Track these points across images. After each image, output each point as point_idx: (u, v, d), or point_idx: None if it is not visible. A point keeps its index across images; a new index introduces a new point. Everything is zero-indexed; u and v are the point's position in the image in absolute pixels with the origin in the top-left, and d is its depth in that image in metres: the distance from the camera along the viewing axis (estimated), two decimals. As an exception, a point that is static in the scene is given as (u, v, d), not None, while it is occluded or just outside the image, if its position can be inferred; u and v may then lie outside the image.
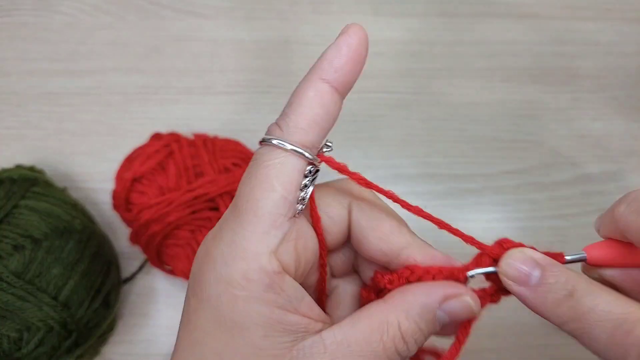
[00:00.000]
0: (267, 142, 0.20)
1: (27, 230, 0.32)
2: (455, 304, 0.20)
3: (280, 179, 0.20)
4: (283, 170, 0.20)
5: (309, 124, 0.20)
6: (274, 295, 0.19)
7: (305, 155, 0.20)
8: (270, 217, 0.19)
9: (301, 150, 0.20)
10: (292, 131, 0.20)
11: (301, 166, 0.20)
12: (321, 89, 0.20)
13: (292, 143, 0.20)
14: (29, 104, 0.43)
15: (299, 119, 0.20)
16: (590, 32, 0.47)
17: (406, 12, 0.46)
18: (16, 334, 0.31)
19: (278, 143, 0.20)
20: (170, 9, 0.46)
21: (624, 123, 0.44)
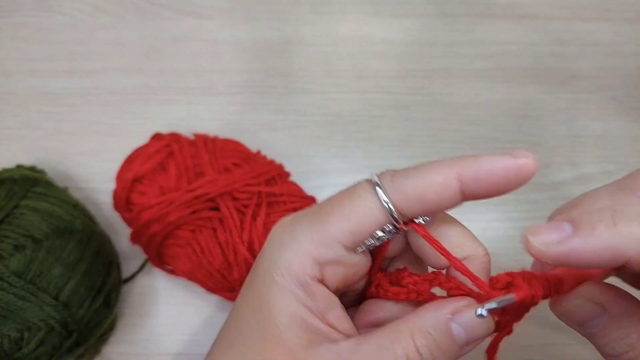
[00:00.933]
0: (376, 184, 0.21)
1: (28, 230, 0.32)
2: (467, 316, 0.20)
3: (359, 217, 0.20)
4: (367, 214, 0.20)
5: (415, 198, 0.20)
6: (304, 295, 0.21)
7: (392, 215, 0.20)
8: (333, 238, 0.21)
9: (392, 209, 0.20)
10: (398, 190, 0.20)
11: (383, 220, 0.21)
12: (450, 183, 0.20)
13: (391, 201, 0.20)
14: (29, 104, 0.43)
15: (410, 187, 0.20)
16: (589, 32, 0.47)
17: (406, 13, 0.46)
18: (17, 334, 0.31)
19: (379, 192, 0.20)
20: (171, 9, 0.46)
21: (623, 123, 0.44)
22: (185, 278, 0.36)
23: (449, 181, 0.20)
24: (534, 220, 0.41)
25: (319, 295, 0.21)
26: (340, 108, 0.44)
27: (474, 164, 0.20)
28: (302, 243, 0.21)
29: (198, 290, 0.38)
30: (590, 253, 0.17)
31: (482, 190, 0.20)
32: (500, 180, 0.20)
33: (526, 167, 0.19)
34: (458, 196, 0.20)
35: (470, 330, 0.20)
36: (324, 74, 0.44)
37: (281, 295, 0.21)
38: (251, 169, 0.34)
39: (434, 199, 0.20)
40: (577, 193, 0.42)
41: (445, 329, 0.20)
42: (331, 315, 0.21)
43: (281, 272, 0.21)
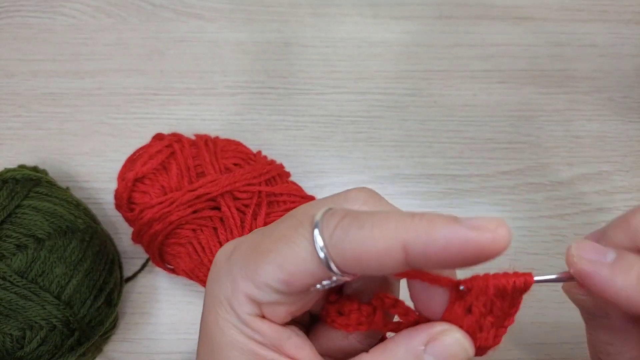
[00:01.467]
0: (315, 237, 0.17)
1: (30, 230, 0.33)
2: (442, 343, 0.17)
3: (292, 268, 0.18)
4: (300, 267, 0.17)
5: (352, 260, 0.17)
6: (250, 331, 0.19)
7: (332, 273, 0.17)
8: (265, 284, 0.18)
9: (335, 270, 0.17)
10: (336, 249, 0.17)
11: (321, 275, 0.18)
12: (392, 255, 0.16)
13: (330, 257, 0.17)
14: (32, 105, 0.44)
15: (348, 249, 0.17)
16: (586, 34, 0.47)
17: (405, 15, 0.47)
18: (19, 333, 0.31)
19: (317, 244, 0.17)
20: (172, 11, 0.46)
21: (620, 124, 0.44)
22: (186, 277, 0.36)
23: (391, 251, 0.16)
24: (532, 220, 0.41)
25: (266, 330, 0.19)
26: (339, 109, 0.44)
27: (426, 234, 0.16)
28: (237, 281, 0.19)
29: (199, 289, 0.38)
30: (610, 286, 0.17)
31: (430, 264, 0.16)
32: (454, 257, 0.16)
33: (492, 244, 0.15)
34: (401, 265, 0.17)
35: (442, 357, 0.17)
36: (324, 75, 0.45)
37: (228, 330, 0.19)
38: (252, 169, 0.34)
39: (374, 265, 0.17)
40: (574, 193, 0.43)
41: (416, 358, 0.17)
42: (288, 345, 0.19)
43: (224, 308, 0.19)
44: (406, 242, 0.16)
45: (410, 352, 0.17)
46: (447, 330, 0.18)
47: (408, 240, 0.16)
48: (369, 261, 0.17)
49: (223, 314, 0.19)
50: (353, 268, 0.17)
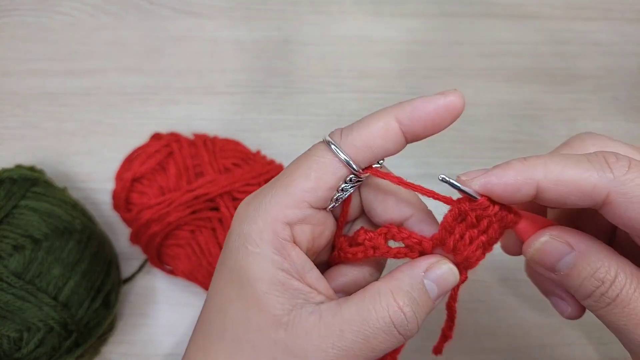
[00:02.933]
0: (326, 142, 0.22)
1: (27, 231, 0.32)
2: (437, 271, 0.22)
3: (318, 174, 0.22)
4: (324, 169, 0.22)
5: (365, 146, 0.22)
6: (280, 259, 0.21)
7: (349, 164, 0.22)
8: (297, 198, 0.22)
9: (346, 158, 0.22)
10: (347, 144, 0.22)
11: (341, 173, 0.22)
12: (390, 126, 0.22)
13: (343, 152, 0.22)
14: (29, 104, 0.43)
15: (357, 138, 0.22)
16: (590, 32, 0.47)
17: (406, 13, 0.46)
18: (16, 334, 0.31)
19: (333, 147, 0.22)
20: (170, 9, 0.46)
21: (624, 123, 0.44)
22: (184, 278, 0.36)
23: (389, 124, 0.22)
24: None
25: (295, 256, 0.21)
26: (340, 107, 0.44)
27: (409, 106, 0.22)
28: (269, 211, 0.22)
29: (197, 291, 0.38)
30: (504, 183, 0.20)
31: (420, 128, 0.22)
32: (433, 117, 0.21)
33: (454, 103, 0.21)
34: (401, 137, 0.22)
35: (441, 284, 0.22)
36: (324, 74, 0.44)
37: (257, 264, 0.21)
38: (251, 169, 0.34)
39: (380, 143, 0.22)
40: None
41: (421, 286, 0.21)
42: (309, 276, 0.22)
43: (255, 242, 0.21)
44: (397, 116, 0.22)
45: (414, 277, 0.21)
46: (441, 261, 0.22)
47: (398, 114, 0.22)
48: (376, 140, 0.21)
49: (253, 248, 0.21)
50: (364, 153, 0.22)
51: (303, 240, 0.22)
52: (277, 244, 0.21)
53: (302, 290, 0.21)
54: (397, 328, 0.20)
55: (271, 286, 0.21)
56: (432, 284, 0.21)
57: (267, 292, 0.21)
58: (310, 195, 0.22)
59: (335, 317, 0.20)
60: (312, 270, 0.22)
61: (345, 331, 0.20)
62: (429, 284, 0.21)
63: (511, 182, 0.20)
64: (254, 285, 0.21)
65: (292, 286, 0.21)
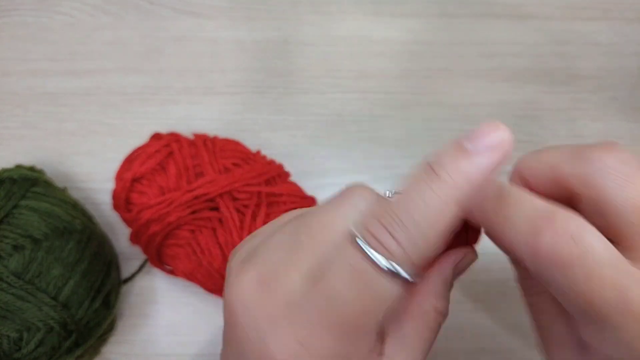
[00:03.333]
0: (386, 268, 0.18)
1: (27, 231, 0.32)
2: (463, 264, 0.22)
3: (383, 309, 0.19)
4: (387, 302, 0.19)
5: (432, 252, 0.19)
6: None
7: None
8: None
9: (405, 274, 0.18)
10: (414, 259, 0.18)
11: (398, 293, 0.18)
12: (450, 208, 0.18)
13: (413, 276, 0.18)
14: (29, 104, 0.43)
15: (427, 249, 0.18)
16: (590, 32, 0.47)
17: (406, 13, 0.46)
18: (16, 334, 0.31)
19: (398, 271, 0.18)
20: (170, 9, 0.46)
21: (624, 123, 0.44)
22: (184, 278, 0.36)
23: (449, 208, 0.18)
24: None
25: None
26: (340, 108, 0.44)
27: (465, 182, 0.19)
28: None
29: (198, 291, 0.38)
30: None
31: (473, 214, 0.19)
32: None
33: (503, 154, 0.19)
34: (456, 220, 0.19)
35: (462, 271, 0.22)
36: (324, 74, 0.44)
37: None
38: (251, 169, 0.34)
39: (443, 229, 0.18)
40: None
41: (449, 285, 0.22)
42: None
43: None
44: (456, 199, 0.18)
45: (446, 281, 0.22)
46: (468, 254, 0.22)
47: (457, 197, 0.18)
48: (440, 229, 0.18)
49: None
50: (426, 251, 0.18)
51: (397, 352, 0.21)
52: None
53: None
54: (441, 324, 0.22)
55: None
56: (457, 275, 0.22)
57: None
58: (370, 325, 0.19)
59: (403, 351, 0.20)
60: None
61: (417, 357, 0.21)
62: (455, 277, 0.22)
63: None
64: None
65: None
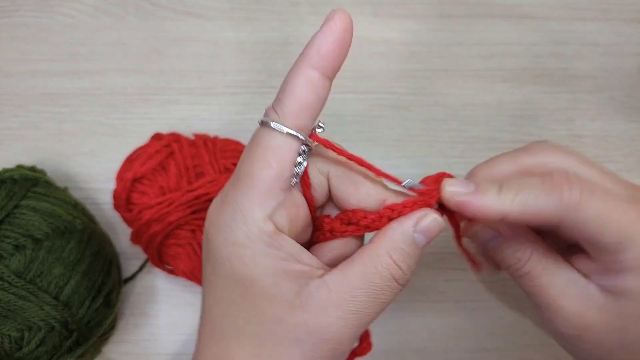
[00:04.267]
0: (266, 124, 0.22)
1: (28, 230, 0.32)
2: (424, 223, 0.23)
3: (277, 158, 0.22)
4: (279, 151, 0.22)
5: (301, 109, 0.22)
6: (275, 251, 0.22)
7: (299, 137, 0.22)
8: (266, 190, 0.22)
9: (295, 133, 0.22)
10: (287, 116, 0.22)
11: (296, 147, 0.23)
12: (311, 76, 0.22)
13: (287, 126, 0.22)
14: (30, 105, 0.43)
15: (292, 105, 0.22)
16: (588, 32, 0.47)
17: (405, 14, 0.47)
18: (17, 334, 0.31)
19: (275, 126, 0.22)
20: (171, 10, 0.46)
21: (622, 123, 0.44)
22: (185, 278, 0.36)
23: (310, 76, 0.22)
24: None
25: (285, 244, 0.22)
26: (340, 108, 0.44)
27: (313, 49, 0.22)
28: (247, 212, 0.22)
29: (198, 290, 0.38)
30: (478, 208, 0.22)
31: (335, 62, 0.22)
32: (336, 43, 0.22)
33: (346, 24, 0.22)
34: (324, 80, 0.22)
35: (429, 233, 0.23)
36: (324, 75, 0.44)
37: (256, 264, 0.22)
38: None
39: (312, 97, 0.22)
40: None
41: (412, 240, 0.23)
42: (304, 256, 0.23)
43: (246, 246, 0.22)
44: (310, 64, 0.22)
45: (405, 234, 0.23)
46: (427, 214, 0.23)
47: (309, 62, 0.22)
48: (307, 97, 0.22)
49: (247, 252, 0.22)
50: (305, 116, 0.22)
51: (284, 225, 0.23)
52: (267, 239, 0.22)
53: (303, 270, 0.22)
54: (397, 281, 0.23)
55: (275, 277, 0.22)
56: (421, 235, 0.23)
57: (274, 284, 0.22)
58: (277, 181, 0.22)
59: (343, 285, 0.22)
60: (302, 250, 0.23)
61: (356, 295, 0.22)
62: (418, 236, 0.23)
63: (484, 211, 0.22)
64: (259, 283, 0.22)
65: (294, 270, 0.22)
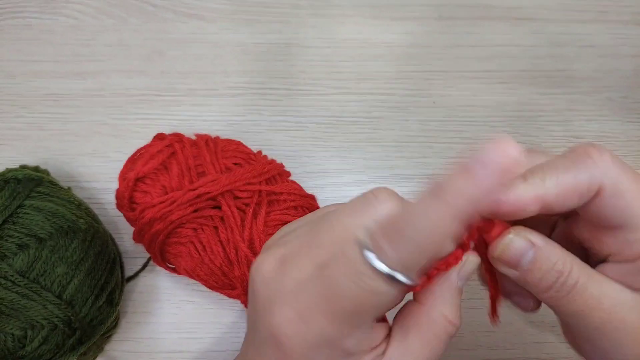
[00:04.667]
0: (390, 277, 0.19)
1: (32, 230, 0.33)
2: (465, 271, 0.22)
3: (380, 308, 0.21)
4: (382, 302, 0.20)
5: (419, 255, 0.20)
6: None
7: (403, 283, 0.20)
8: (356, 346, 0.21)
9: (404, 279, 0.19)
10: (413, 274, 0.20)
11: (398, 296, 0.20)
12: (448, 242, 0.21)
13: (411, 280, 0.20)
14: (33, 106, 0.44)
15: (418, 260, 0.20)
16: (586, 34, 0.47)
17: (405, 16, 0.47)
18: (20, 332, 0.31)
19: (400, 278, 0.19)
20: (173, 11, 0.46)
21: (619, 124, 0.45)
22: (187, 276, 0.36)
23: (447, 242, 0.21)
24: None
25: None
26: (340, 109, 0.44)
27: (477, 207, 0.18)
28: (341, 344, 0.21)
29: (201, 289, 0.38)
30: (514, 201, 0.20)
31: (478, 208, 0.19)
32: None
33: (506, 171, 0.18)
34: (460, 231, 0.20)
35: (469, 275, 0.22)
36: (324, 76, 0.45)
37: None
38: (252, 169, 0.34)
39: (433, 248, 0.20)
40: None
41: (458, 292, 0.22)
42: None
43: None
44: (455, 216, 0.18)
45: (453, 289, 0.22)
46: (466, 260, 0.22)
47: (456, 214, 0.18)
48: (435, 241, 0.19)
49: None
50: (415, 258, 0.19)
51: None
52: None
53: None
54: (452, 336, 0.22)
55: None
56: (462, 280, 0.22)
57: None
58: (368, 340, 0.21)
59: (405, 356, 0.21)
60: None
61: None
62: (461, 283, 0.22)
63: (520, 203, 0.20)
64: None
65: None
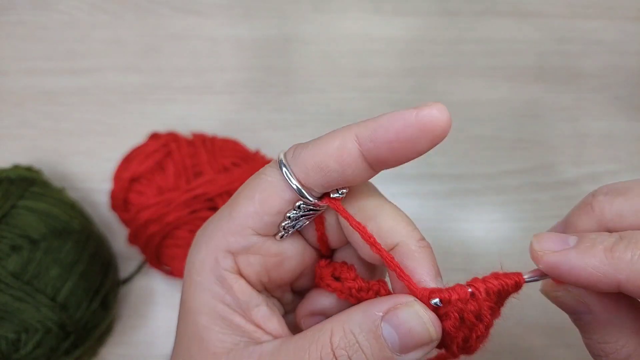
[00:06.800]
0: (280, 160, 0.19)
1: (25, 231, 0.32)
2: (402, 314, 0.17)
3: (262, 196, 0.19)
4: (269, 191, 0.19)
5: (315, 168, 0.18)
6: (221, 290, 0.19)
7: (298, 190, 0.18)
8: (239, 224, 0.19)
9: (294, 184, 0.18)
10: (298, 163, 0.18)
11: (289, 197, 0.19)
12: (347, 147, 0.18)
13: (291, 173, 0.18)
14: (27, 103, 0.43)
15: (309, 157, 0.18)
16: (593, 31, 0.46)
17: (408, 11, 0.46)
18: (14, 336, 0.31)
19: (283, 168, 0.18)
20: (169, 7, 0.46)
21: (626, 122, 0.44)
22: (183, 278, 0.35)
23: (346, 145, 0.18)
24: (538, 221, 0.41)
25: (237, 289, 0.19)
26: (341, 107, 0.43)
27: (373, 123, 0.17)
28: (212, 238, 0.19)
29: (197, 292, 0.37)
30: (581, 268, 0.16)
31: (385, 152, 0.17)
32: (400, 137, 0.17)
33: (432, 121, 0.17)
34: (360, 162, 0.18)
35: (405, 333, 0.17)
36: (325, 73, 0.44)
37: (198, 294, 0.19)
38: (250, 169, 0.34)
39: (334, 166, 0.18)
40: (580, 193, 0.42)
41: (373, 329, 0.17)
42: (256, 313, 0.19)
43: (197, 271, 0.20)
44: (357, 134, 0.17)
45: (367, 316, 0.17)
46: (410, 303, 0.17)
47: (358, 132, 0.17)
48: (329, 162, 0.18)
49: (195, 277, 0.20)
50: (316, 176, 0.18)
51: (251, 272, 0.20)
52: (218, 274, 0.19)
53: (244, 328, 0.19)
54: None
55: (211, 320, 0.19)
56: (391, 329, 0.17)
57: (208, 327, 0.19)
58: (253, 221, 0.19)
59: (273, 357, 0.18)
60: (259, 306, 0.20)
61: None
62: (387, 329, 0.17)
63: (589, 277, 0.16)
64: (195, 319, 0.19)
65: (234, 322, 0.19)
